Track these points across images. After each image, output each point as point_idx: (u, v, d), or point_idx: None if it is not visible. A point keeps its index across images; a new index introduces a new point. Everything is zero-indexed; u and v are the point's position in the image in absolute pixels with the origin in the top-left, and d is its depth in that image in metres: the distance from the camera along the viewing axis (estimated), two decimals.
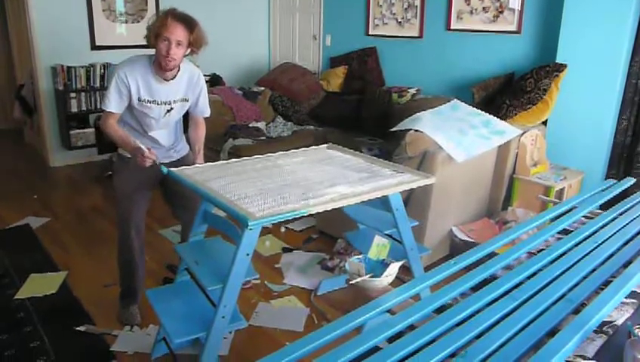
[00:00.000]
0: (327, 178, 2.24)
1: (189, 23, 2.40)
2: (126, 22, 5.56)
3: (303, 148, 2.78)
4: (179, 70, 2.52)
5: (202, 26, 2.49)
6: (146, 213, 2.74)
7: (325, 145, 2.85)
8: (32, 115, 5.78)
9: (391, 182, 2.24)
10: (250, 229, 1.82)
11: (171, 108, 2.58)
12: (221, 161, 2.55)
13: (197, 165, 2.44)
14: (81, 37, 5.33)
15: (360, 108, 4.95)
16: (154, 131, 2.63)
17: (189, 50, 2.44)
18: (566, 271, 1.53)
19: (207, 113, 2.75)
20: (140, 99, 2.49)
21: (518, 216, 3.44)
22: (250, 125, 4.94)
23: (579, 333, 1.18)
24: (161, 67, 2.44)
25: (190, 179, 2.17)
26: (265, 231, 3.77)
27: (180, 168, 2.32)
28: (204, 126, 2.78)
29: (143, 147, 2.35)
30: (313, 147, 2.83)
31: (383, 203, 2.38)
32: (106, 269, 3.26)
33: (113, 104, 2.46)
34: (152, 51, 2.46)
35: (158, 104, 2.53)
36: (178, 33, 2.36)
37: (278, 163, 2.49)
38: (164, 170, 2.31)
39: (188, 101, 2.63)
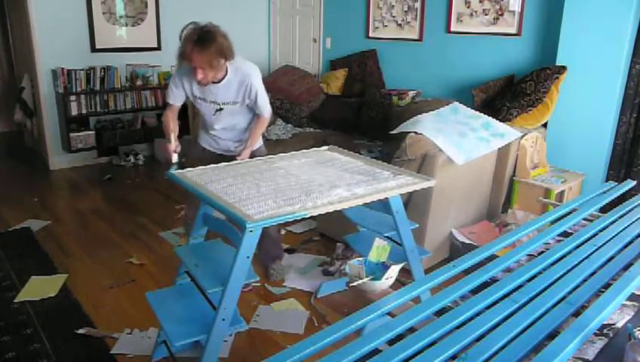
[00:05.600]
0: (328, 180, 2.24)
1: (207, 45, 2.50)
2: (126, 25, 5.57)
3: (304, 151, 2.79)
4: (227, 73, 2.69)
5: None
6: None
7: (326, 147, 2.85)
8: (33, 117, 5.79)
9: (391, 184, 2.24)
10: (251, 231, 1.82)
11: (220, 109, 2.81)
12: (221, 164, 2.55)
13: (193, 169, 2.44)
14: (82, 40, 5.34)
15: (360, 110, 4.96)
16: (214, 130, 2.92)
17: (221, 61, 2.58)
18: (566, 274, 1.53)
19: (266, 113, 2.88)
20: (192, 95, 2.79)
21: (518, 218, 3.44)
22: None
23: (579, 336, 1.18)
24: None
25: (190, 182, 2.17)
26: None
27: (180, 171, 2.32)
28: (263, 124, 2.93)
29: (172, 143, 2.70)
30: (313, 149, 2.83)
31: (384, 205, 2.38)
32: (107, 272, 3.27)
33: (170, 95, 2.82)
34: None
35: (207, 102, 2.79)
36: (199, 59, 2.51)
37: (277, 165, 2.49)
38: (173, 169, 2.47)
39: (238, 103, 2.80)
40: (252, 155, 2.83)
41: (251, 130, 2.92)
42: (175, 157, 2.65)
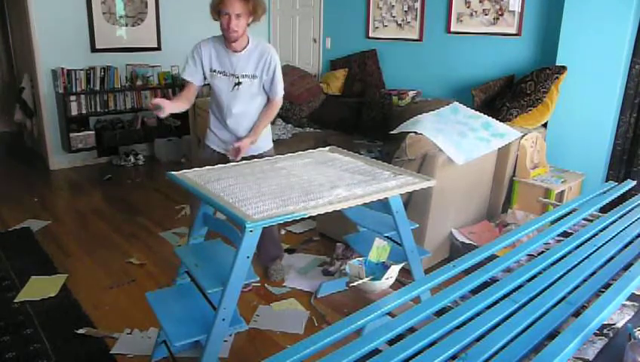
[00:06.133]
0: (328, 180, 2.24)
1: None
2: (126, 25, 5.57)
3: (304, 151, 2.78)
4: (248, 43, 2.73)
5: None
6: None
7: (327, 147, 2.85)
8: (33, 117, 5.79)
9: (391, 184, 2.24)
10: (251, 231, 1.82)
11: (239, 83, 2.77)
12: (221, 164, 2.55)
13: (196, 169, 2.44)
14: (82, 40, 5.34)
15: (360, 110, 4.96)
16: (230, 118, 2.85)
17: (251, 18, 2.64)
18: (566, 274, 1.53)
19: (279, 93, 2.85)
20: (211, 69, 2.77)
21: (518, 218, 3.44)
22: None
23: (579, 336, 1.18)
24: (226, 39, 2.67)
25: (190, 182, 2.17)
26: None
27: (181, 171, 2.32)
28: (276, 107, 2.90)
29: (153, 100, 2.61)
30: (318, 149, 2.83)
31: (384, 205, 2.38)
32: (107, 272, 3.27)
33: (186, 71, 2.80)
34: None
35: (226, 75, 2.77)
36: (236, 6, 2.56)
37: (278, 165, 2.49)
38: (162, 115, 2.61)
39: (257, 78, 2.78)
40: (261, 156, 2.77)
41: (260, 115, 2.87)
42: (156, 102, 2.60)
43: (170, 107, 2.65)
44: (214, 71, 2.78)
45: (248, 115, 2.87)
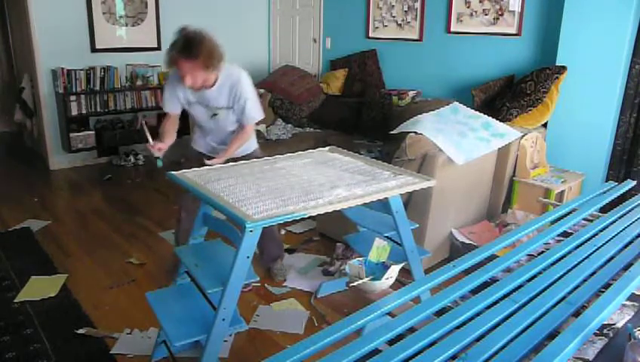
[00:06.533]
0: (328, 180, 2.24)
1: (193, 53, 2.51)
2: (126, 25, 5.57)
3: (304, 151, 2.78)
4: (217, 79, 2.69)
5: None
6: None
7: (327, 147, 2.85)
8: (33, 117, 5.79)
9: (391, 184, 2.24)
10: (251, 231, 1.82)
11: (215, 114, 2.79)
12: (221, 164, 2.55)
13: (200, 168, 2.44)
14: (82, 40, 5.34)
15: (360, 110, 4.96)
16: (210, 136, 2.92)
17: (209, 68, 2.57)
18: (566, 274, 1.53)
19: (255, 120, 2.81)
20: (188, 101, 2.80)
21: (518, 218, 3.44)
22: None
23: (579, 336, 1.18)
24: None
25: (190, 182, 2.17)
26: None
27: (180, 171, 2.32)
28: (246, 132, 2.84)
29: (150, 142, 2.74)
30: (318, 149, 2.83)
31: (384, 205, 2.38)
32: (107, 272, 3.27)
33: (165, 104, 2.85)
34: None
35: (203, 106, 2.78)
36: (185, 67, 2.55)
37: (277, 165, 2.49)
38: (159, 163, 2.75)
39: (231, 108, 2.77)
40: (247, 159, 2.76)
41: (233, 138, 2.85)
42: (157, 153, 2.76)
43: (167, 146, 2.80)
44: (191, 102, 2.80)
45: (231, 132, 2.89)
